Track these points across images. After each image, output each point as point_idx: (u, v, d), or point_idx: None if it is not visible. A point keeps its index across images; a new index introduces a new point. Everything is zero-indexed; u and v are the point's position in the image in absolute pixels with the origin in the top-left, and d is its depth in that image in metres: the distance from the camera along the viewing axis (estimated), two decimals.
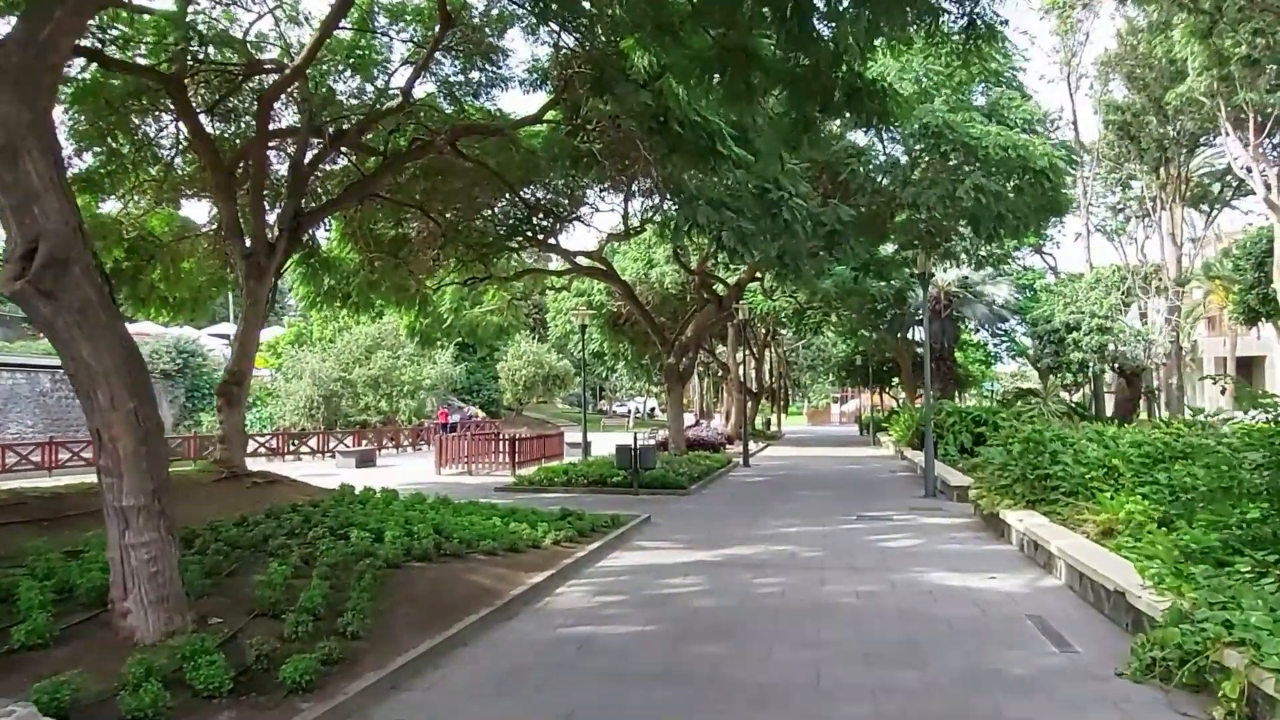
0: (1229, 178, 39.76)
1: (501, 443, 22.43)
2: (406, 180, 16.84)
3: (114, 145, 14.32)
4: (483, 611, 6.94)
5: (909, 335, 33.88)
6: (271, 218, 14.16)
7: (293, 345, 48.33)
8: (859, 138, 16.47)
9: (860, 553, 9.97)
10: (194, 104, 13.28)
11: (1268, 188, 29.11)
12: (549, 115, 13.51)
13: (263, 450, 28.99)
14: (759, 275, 23.59)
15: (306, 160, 12.96)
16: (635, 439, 16.98)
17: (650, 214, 18.35)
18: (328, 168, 16.57)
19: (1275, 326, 39.47)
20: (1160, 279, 36.91)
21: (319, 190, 16.28)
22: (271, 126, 13.41)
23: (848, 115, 8.43)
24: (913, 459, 22.60)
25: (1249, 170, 30.39)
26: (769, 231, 12.78)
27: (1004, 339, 34.70)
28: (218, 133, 14.95)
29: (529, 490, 17.29)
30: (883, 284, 27.20)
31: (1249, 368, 52.22)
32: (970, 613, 7.09)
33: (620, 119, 11.03)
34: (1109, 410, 34.74)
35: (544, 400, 66.89)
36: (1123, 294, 28.78)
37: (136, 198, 15.34)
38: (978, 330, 34.97)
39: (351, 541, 8.22)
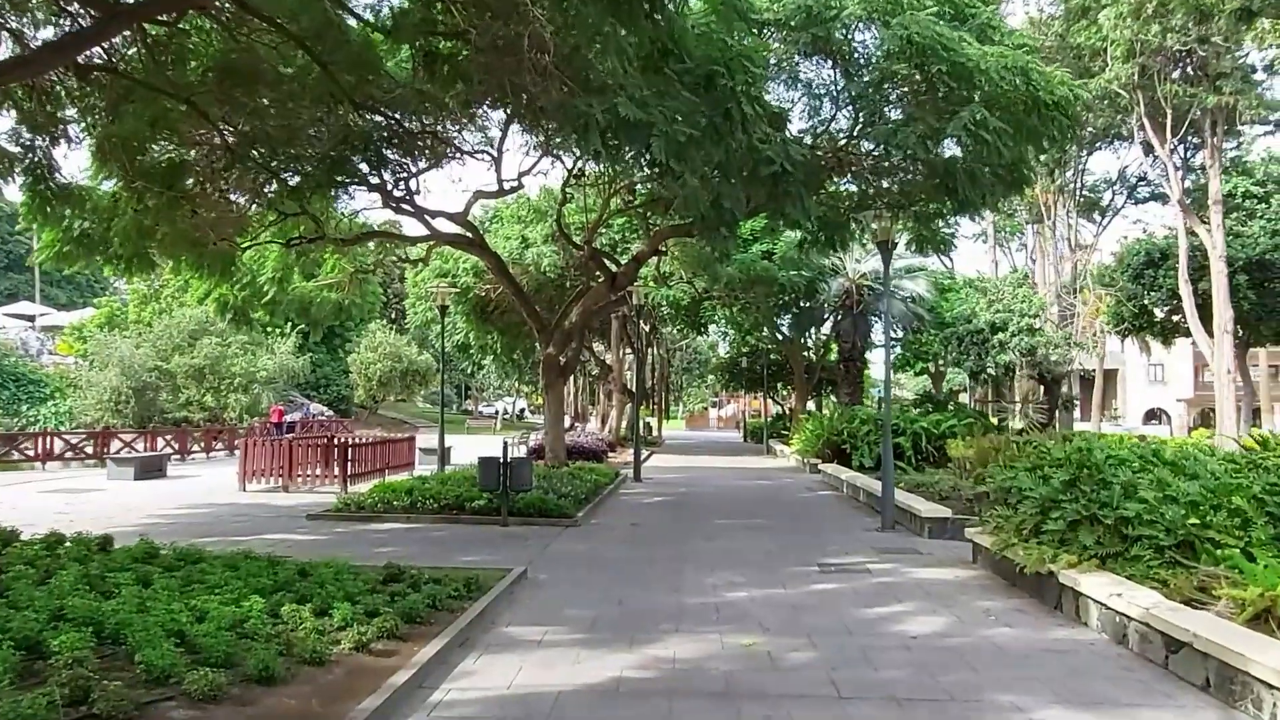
0: (1118, 185, 39.39)
1: (331, 450, 17.45)
2: (193, 82, 11.87)
3: None
4: None
5: (818, 332, 30.91)
6: None
7: (103, 329, 41.28)
8: (811, 69, 12.80)
9: (877, 651, 6.07)
10: None
11: (1184, 190, 27.88)
12: None
13: (15, 454, 22.51)
14: (661, 249, 19.65)
15: None
16: (505, 449, 12.63)
17: (536, 154, 14.10)
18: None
19: (1140, 340, 39.39)
20: (1055, 286, 35.75)
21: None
22: None
23: None
24: (832, 474, 19.30)
25: (1163, 171, 29.21)
26: (712, 156, 8.80)
27: (906, 340, 32.35)
28: None
29: (355, 518, 12.62)
30: (793, 273, 23.94)
31: (1104, 381, 53.41)
32: None
33: None
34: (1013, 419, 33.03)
35: (402, 398, 60.98)
36: (1043, 296, 26.75)
37: None
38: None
39: None
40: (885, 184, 13.02)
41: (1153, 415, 65.94)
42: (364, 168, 14.63)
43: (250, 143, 12.26)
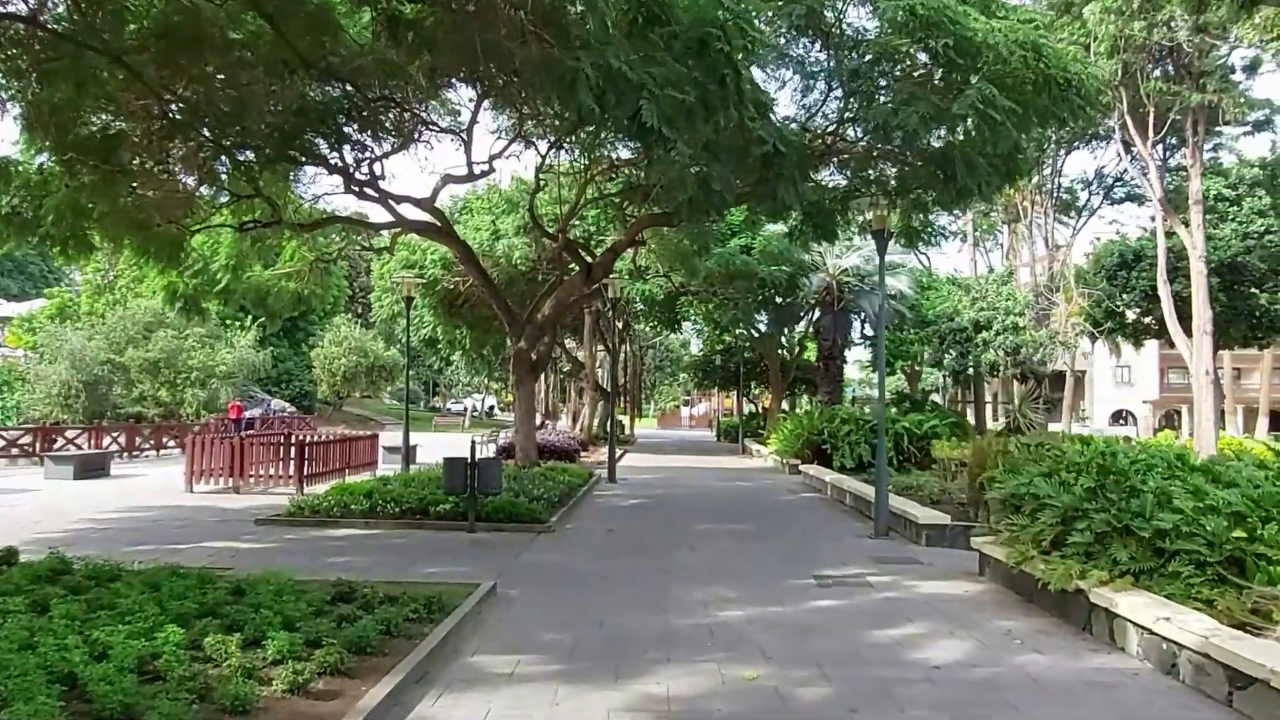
0: (1095, 185, 39.24)
1: (286, 448, 16.41)
2: (131, 46, 10.80)
3: None
4: None
5: (793, 330, 30.24)
6: None
7: (54, 320, 39.67)
8: (801, 50, 12.03)
9: (898, 684, 5.29)
10: None
11: (1165, 189, 27.63)
12: None
13: None
14: (639, 240, 18.83)
15: None
16: (473, 448, 11.74)
17: (509, 136, 13.21)
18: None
19: (1110, 342, 39.33)
20: (1031, 286, 35.48)
21: None
22: None
23: None
24: (815, 476, 18.62)
25: (1142, 170, 28.96)
26: (702, 133, 8.02)
27: (886, 337, 31.81)
28: None
29: (309, 523, 11.65)
30: (773, 268, 23.25)
31: (1073, 382, 53.56)
32: None
33: None
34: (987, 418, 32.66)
35: (368, 394, 59.55)
36: (1029, 294, 26.33)
37: None
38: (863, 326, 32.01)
39: None
40: (875, 174, 12.33)
41: (1119, 417, 66.57)
42: (323, 146, 13.63)
43: (194, 112, 11.22)
